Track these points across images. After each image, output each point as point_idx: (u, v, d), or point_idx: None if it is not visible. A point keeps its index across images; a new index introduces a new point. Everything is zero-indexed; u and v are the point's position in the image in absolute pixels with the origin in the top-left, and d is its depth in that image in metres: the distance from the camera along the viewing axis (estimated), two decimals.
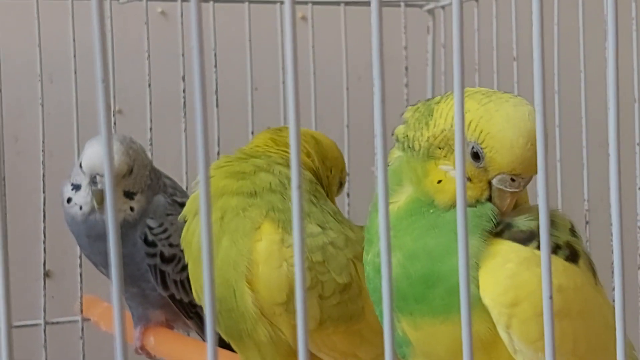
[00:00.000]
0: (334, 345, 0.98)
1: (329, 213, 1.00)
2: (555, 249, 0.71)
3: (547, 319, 0.52)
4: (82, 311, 1.43)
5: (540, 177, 0.52)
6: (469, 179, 0.71)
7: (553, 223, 0.72)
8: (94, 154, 1.15)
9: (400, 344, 0.75)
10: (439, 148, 0.72)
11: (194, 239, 1.00)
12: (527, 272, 0.68)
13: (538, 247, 0.67)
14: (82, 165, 1.16)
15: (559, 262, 0.70)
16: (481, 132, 0.70)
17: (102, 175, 1.14)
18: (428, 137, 0.72)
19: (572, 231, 0.75)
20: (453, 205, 0.71)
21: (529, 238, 0.70)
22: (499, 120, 0.70)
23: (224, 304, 0.97)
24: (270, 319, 0.95)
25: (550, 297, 0.50)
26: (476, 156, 0.70)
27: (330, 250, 0.96)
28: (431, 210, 0.72)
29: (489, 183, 0.71)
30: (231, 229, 0.96)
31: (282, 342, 0.96)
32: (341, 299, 0.96)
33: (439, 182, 0.72)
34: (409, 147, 0.74)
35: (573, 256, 0.72)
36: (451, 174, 0.71)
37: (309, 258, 0.95)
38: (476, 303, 0.68)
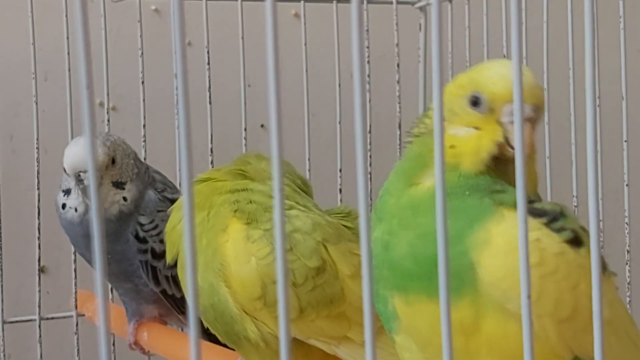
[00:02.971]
0: (321, 331, 0.98)
1: (309, 203, 1.02)
2: (559, 229, 0.73)
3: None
4: (76, 306, 1.44)
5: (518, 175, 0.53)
6: (477, 128, 0.74)
7: (563, 214, 0.74)
8: (71, 154, 1.18)
9: (389, 319, 0.76)
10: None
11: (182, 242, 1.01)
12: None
13: (547, 223, 0.72)
14: (65, 168, 1.19)
15: (555, 242, 0.72)
16: (471, 80, 0.74)
17: (84, 171, 1.16)
18: (432, 116, 0.75)
19: (582, 228, 0.76)
20: (479, 167, 0.73)
21: (542, 214, 0.73)
22: (486, 66, 0.75)
23: (216, 309, 0.98)
24: (253, 315, 0.97)
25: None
26: (476, 102, 0.74)
27: (296, 236, 0.97)
28: (454, 193, 0.73)
29: (500, 124, 0.73)
30: (208, 228, 0.98)
31: (272, 338, 0.97)
32: (316, 284, 0.97)
33: (452, 147, 0.74)
34: (423, 134, 0.78)
35: (577, 242, 0.74)
36: (461, 134, 0.74)
37: (275, 248, 0.96)
38: (475, 285, 0.70)
